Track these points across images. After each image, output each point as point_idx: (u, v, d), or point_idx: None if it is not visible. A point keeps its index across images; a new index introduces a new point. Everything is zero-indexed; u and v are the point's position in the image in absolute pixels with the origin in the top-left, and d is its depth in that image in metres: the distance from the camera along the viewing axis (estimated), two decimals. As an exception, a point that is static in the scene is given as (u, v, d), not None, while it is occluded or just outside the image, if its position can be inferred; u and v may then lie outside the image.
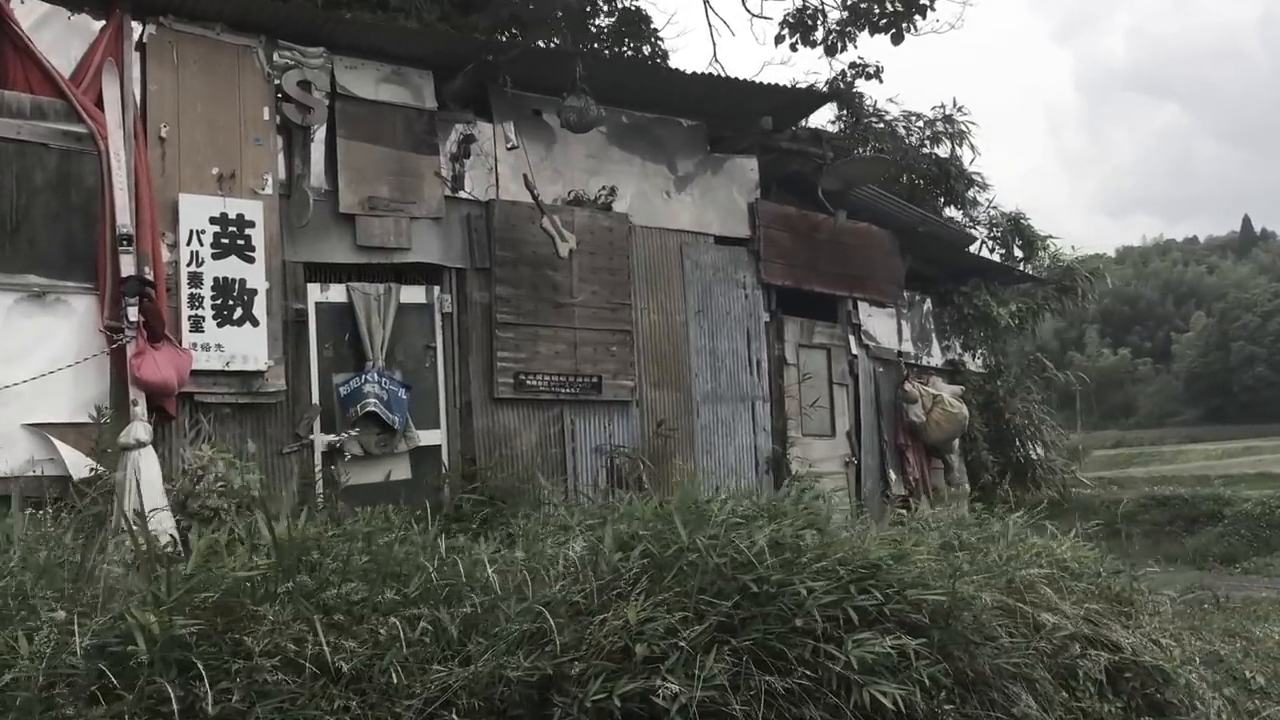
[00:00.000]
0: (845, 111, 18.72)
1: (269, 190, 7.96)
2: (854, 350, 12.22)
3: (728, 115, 11.01)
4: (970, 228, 16.98)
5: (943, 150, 17.61)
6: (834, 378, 12.01)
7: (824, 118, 18.56)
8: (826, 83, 19.43)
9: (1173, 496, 25.24)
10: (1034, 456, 14.15)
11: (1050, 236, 16.87)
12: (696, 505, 4.67)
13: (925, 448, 12.74)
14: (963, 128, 17.46)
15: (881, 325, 12.65)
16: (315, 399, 8.13)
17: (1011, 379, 14.07)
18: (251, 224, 7.75)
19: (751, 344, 11.06)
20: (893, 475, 12.34)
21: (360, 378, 8.31)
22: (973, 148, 17.22)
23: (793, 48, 14.95)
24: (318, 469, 8.00)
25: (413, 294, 8.89)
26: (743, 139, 11.22)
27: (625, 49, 14.89)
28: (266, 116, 8.06)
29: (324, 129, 8.34)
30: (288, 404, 7.95)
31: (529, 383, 9.52)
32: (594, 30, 15.34)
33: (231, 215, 7.66)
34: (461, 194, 9.19)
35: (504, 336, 9.43)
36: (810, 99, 11.36)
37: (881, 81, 18.66)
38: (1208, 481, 32.07)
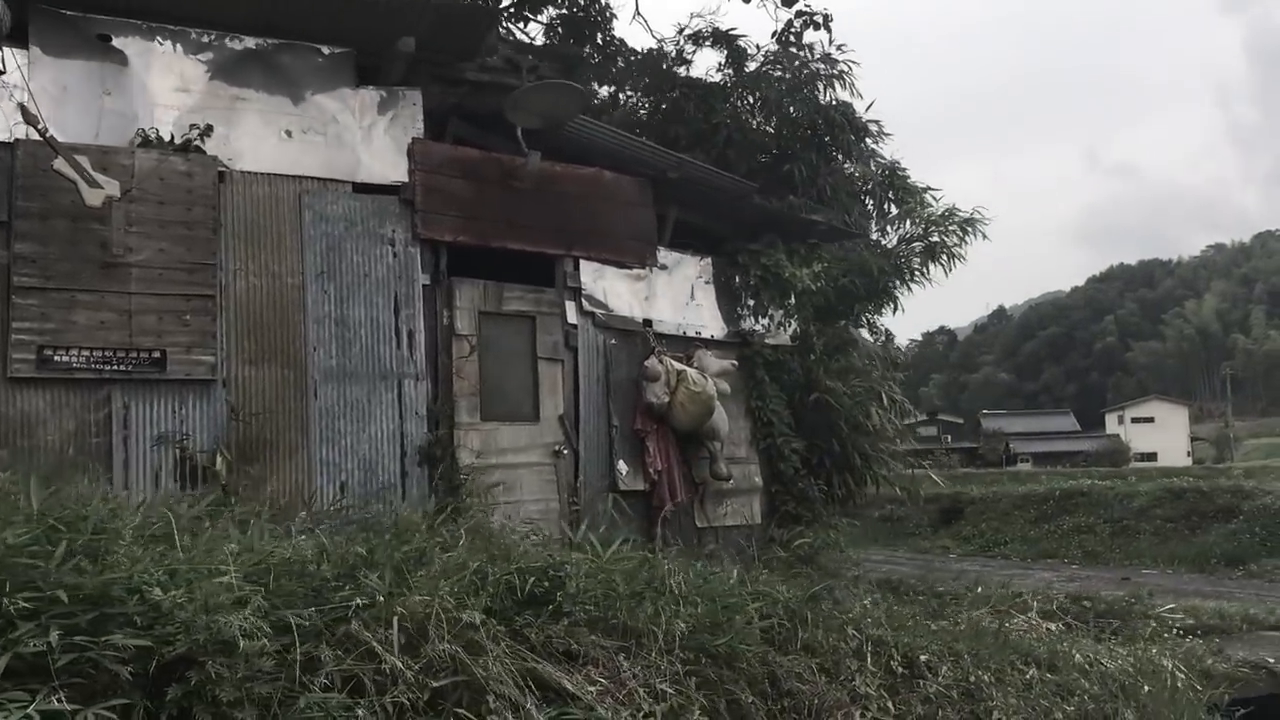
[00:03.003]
0: (726, 58, 16.80)
1: None
2: (572, 319, 10.27)
3: (372, 40, 9.19)
4: (864, 181, 14.82)
5: (843, 95, 15.58)
6: (540, 351, 10.09)
7: (706, 65, 16.56)
8: (773, 34, 17.56)
9: (1189, 489, 22.54)
10: (858, 446, 11.94)
11: (929, 189, 14.56)
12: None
13: (675, 434, 10.70)
14: (843, 68, 15.34)
15: (619, 289, 10.65)
16: None
17: (819, 352, 11.86)
18: None
19: (401, 312, 9.25)
20: (623, 467, 10.36)
21: None
22: (856, 91, 15.09)
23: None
24: None
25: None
26: (403, 69, 9.39)
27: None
28: None
29: None
30: None
31: (58, 359, 7.93)
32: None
33: None
34: (-31, 132, 7.68)
35: (24, 304, 7.88)
36: (468, 16, 9.41)
37: (830, 31, 16.66)
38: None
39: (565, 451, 10.04)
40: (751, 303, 11.66)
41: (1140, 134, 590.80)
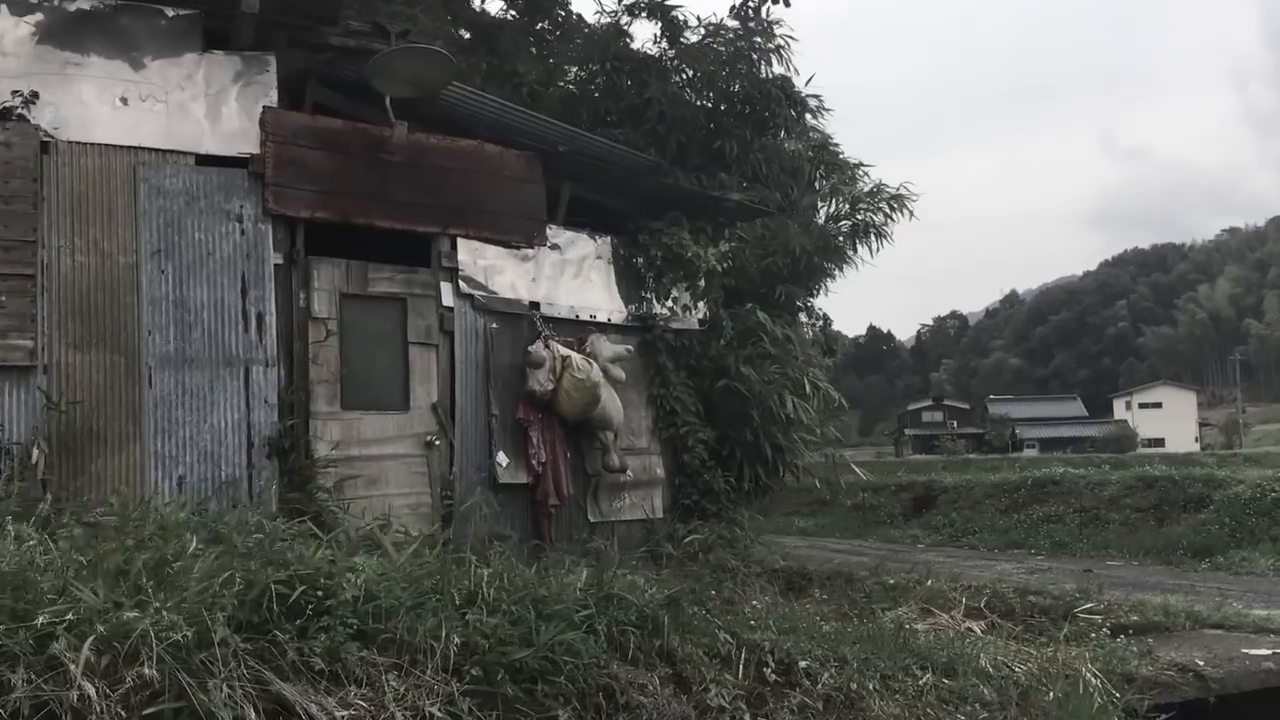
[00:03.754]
0: (662, 30, 16.14)
1: None
2: (448, 301, 9.64)
3: (219, 1, 8.55)
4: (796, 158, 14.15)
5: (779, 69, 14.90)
6: (412, 336, 9.47)
7: (642, 37, 15.96)
8: (731, 8, 16.84)
9: (1162, 478, 21.84)
10: (770, 436, 11.30)
11: (861, 165, 13.89)
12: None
13: (563, 424, 10.08)
14: (780, 42, 14.66)
15: (503, 269, 10.02)
16: None
17: (730, 337, 11.21)
18: None
19: (250, 293, 8.63)
20: (502, 459, 9.74)
21: None
22: (791, 66, 14.41)
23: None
24: None
25: None
26: (253, 33, 8.75)
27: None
28: None
29: None
30: None
31: None
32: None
33: None
34: None
35: None
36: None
37: (789, 5, 15.90)
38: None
39: (438, 442, 9.42)
40: (655, 285, 10.96)
41: (1155, 117, 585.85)
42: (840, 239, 12.70)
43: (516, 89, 15.40)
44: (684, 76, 15.02)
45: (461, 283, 9.69)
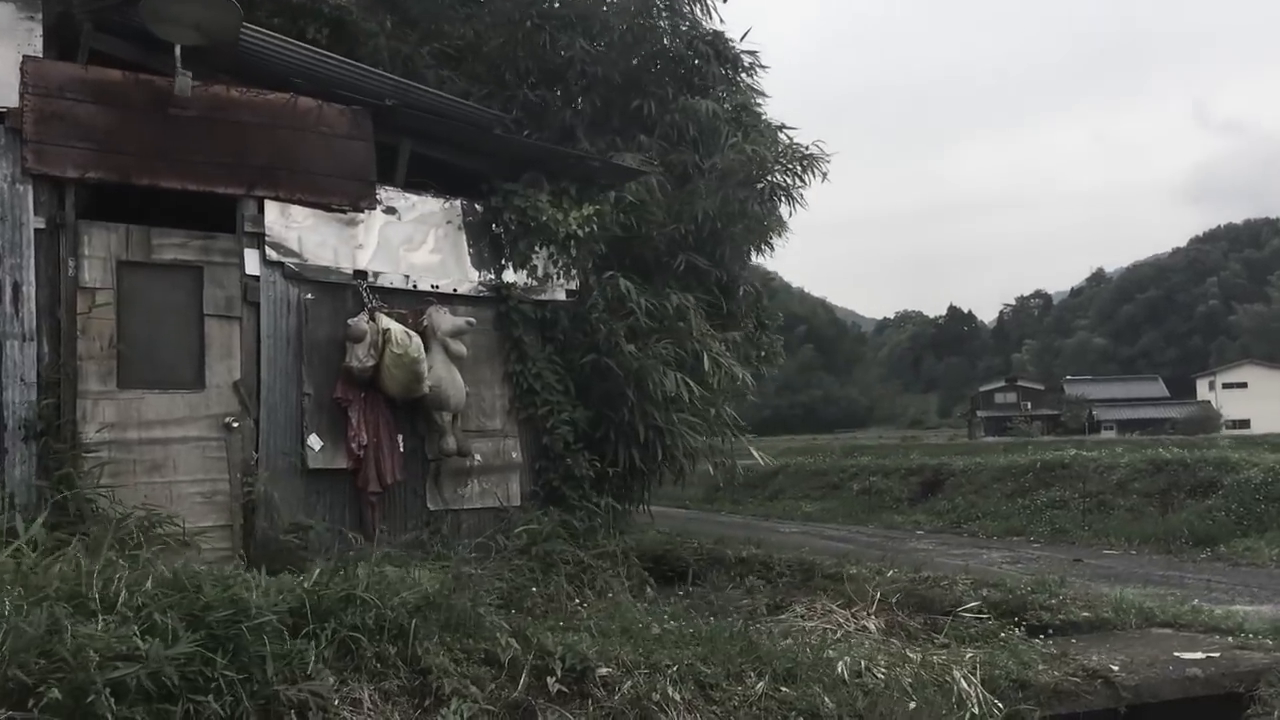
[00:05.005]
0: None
1: None
2: (253, 269, 8.80)
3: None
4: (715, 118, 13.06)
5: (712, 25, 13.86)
6: (209, 308, 8.65)
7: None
8: None
9: (1172, 461, 20.39)
10: (646, 417, 10.30)
11: (785, 126, 12.78)
12: None
13: (391, 404, 9.20)
14: (705, -9, 13.60)
15: (322, 235, 9.15)
16: None
17: (602, 309, 10.22)
18: None
19: (4, 261, 7.88)
20: (315, 442, 8.89)
21: None
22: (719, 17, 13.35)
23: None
24: None
25: None
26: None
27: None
28: None
29: None
30: None
31: None
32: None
33: None
34: None
35: None
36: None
37: None
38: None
39: (236, 424, 8.59)
40: (511, 252, 10.01)
41: (1251, 88, 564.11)
42: (747, 203, 11.57)
43: (444, 51, 14.56)
44: (610, 35, 14.00)
45: (269, 249, 8.84)
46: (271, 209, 8.92)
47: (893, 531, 22.16)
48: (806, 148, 11.91)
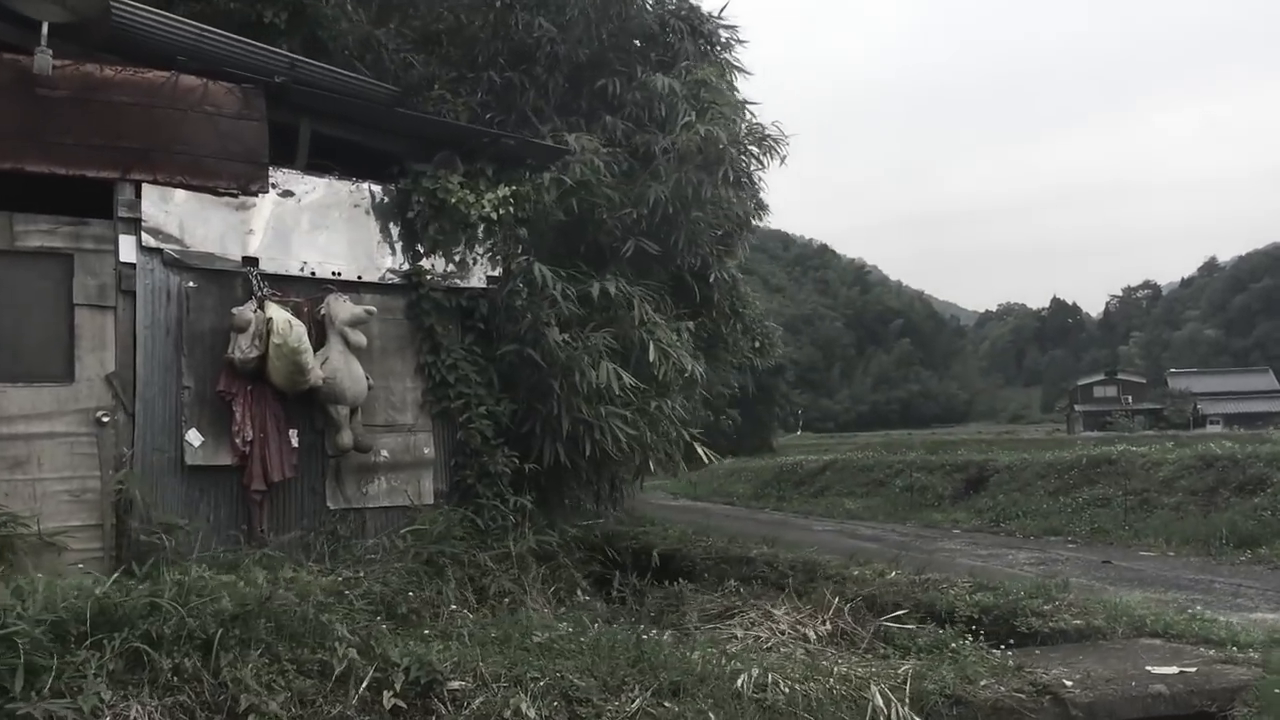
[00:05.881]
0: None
1: None
2: (128, 256, 8.39)
3: None
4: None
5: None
6: (79, 297, 8.27)
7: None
8: None
9: (1222, 456, 19.08)
10: (572, 410, 9.69)
11: (746, 103, 12.06)
12: None
13: (281, 397, 8.73)
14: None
15: (207, 220, 8.71)
16: None
17: (526, 297, 9.62)
18: None
19: None
20: (195, 437, 8.46)
21: None
22: None
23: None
24: None
25: None
26: None
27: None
28: None
29: None
30: None
31: None
32: None
33: None
34: None
35: None
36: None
37: None
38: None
39: (106, 420, 8.19)
40: (424, 237, 9.48)
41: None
42: (702, 187, 10.86)
43: (426, 34, 14.17)
44: (577, 8, 13.40)
45: (146, 235, 8.42)
46: (150, 193, 8.50)
47: (929, 530, 21.16)
48: (765, 129, 11.17)
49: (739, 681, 7.32)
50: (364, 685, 6.47)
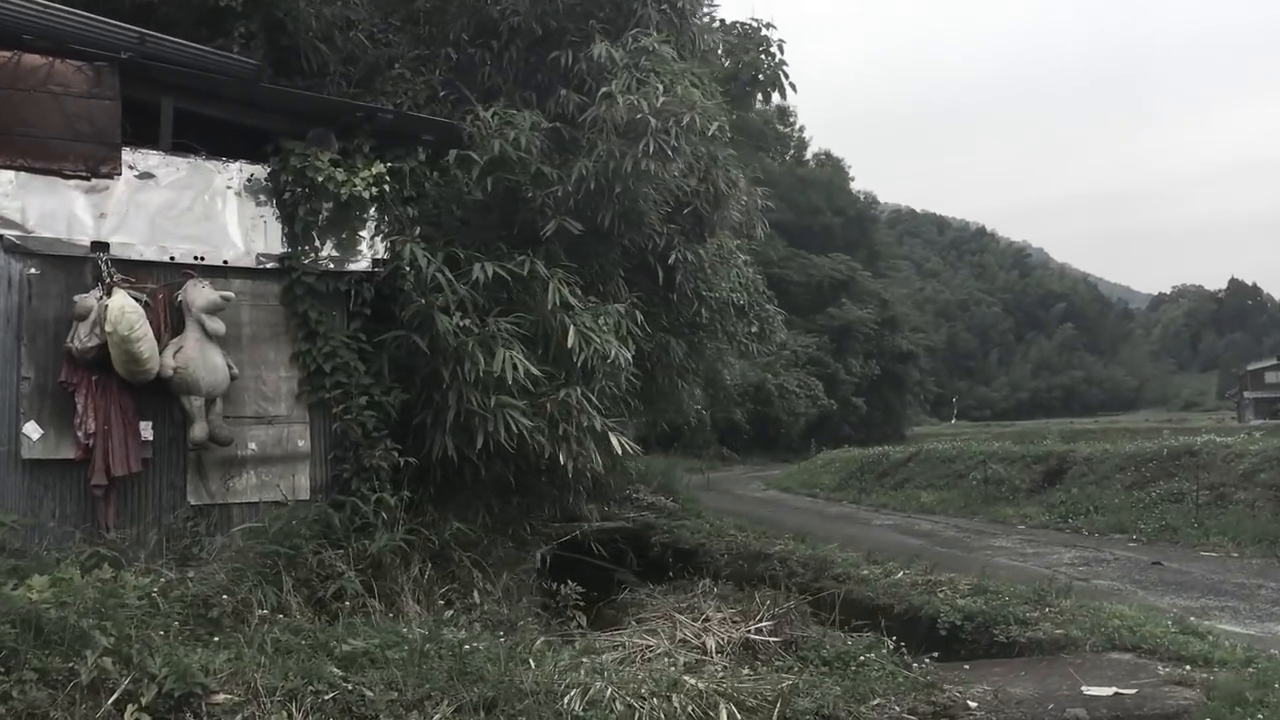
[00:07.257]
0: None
1: None
2: (-34, 242, 8.14)
3: None
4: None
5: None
6: (-88, 285, 8.05)
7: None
8: None
9: (1318, 450, 17.25)
10: (464, 400, 9.06)
11: (693, 73, 11.16)
12: None
13: (129, 387, 8.36)
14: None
15: (51, 204, 8.38)
16: None
17: (414, 282, 9.02)
18: None
19: None
20: (32, 430, 8.14)
21: None
22: None
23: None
24: None
25: None
26: None
27: None
28: None
29: None
30: None
31: None
32: None
33: None
34: None
35: None
36: None
37: None
38: None
39: (-60, 411, 7.94)
40: (299, 219, 8.98)
41: None
42: (624, 160, 10.03)
43: (410, 15, 13.72)
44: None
45: (-11, 219, 8.13)
46: (-7, 176, 8.19)
47: (993, 525, 19.80)
48: (699, 93, 10.27)
49: (568, 697, 6.67)
50: (114, 698, 5.98)
